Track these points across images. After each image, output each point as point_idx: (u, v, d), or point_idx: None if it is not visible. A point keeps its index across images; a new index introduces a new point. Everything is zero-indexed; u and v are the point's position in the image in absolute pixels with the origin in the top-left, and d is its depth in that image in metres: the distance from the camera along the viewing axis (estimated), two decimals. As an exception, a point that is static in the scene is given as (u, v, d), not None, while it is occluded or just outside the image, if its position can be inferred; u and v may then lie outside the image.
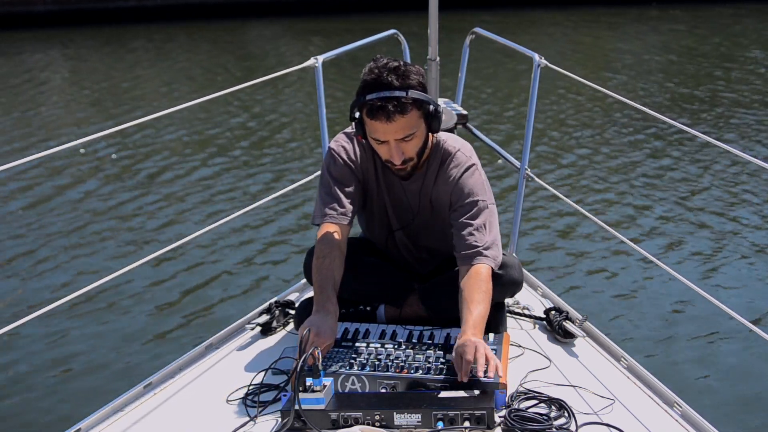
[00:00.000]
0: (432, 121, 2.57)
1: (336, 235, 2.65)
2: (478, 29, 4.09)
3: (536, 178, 3.61)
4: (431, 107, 2.55)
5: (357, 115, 2.58)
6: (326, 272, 2.58)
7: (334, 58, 3.83)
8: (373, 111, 2.50)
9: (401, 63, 2.55)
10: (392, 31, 4.11)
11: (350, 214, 2.70)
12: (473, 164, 2.71)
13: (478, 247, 2.61)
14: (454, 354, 2.36)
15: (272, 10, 20.88)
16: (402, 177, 2.71)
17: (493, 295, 2.66)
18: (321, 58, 3.60)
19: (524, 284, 3.03)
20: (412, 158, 2.60)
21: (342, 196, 2.69)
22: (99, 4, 20.69)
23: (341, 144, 2.75)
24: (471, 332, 2.40)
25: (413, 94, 2.50)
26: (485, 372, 2.28)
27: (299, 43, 18.12)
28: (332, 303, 2.52)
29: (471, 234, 2.62)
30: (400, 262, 2.95)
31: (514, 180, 3.42)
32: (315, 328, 2.41)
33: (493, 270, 2.63)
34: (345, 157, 2.73)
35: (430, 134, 2.65)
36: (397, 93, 2.48)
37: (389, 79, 2.49)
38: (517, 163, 3.68)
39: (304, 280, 3.21)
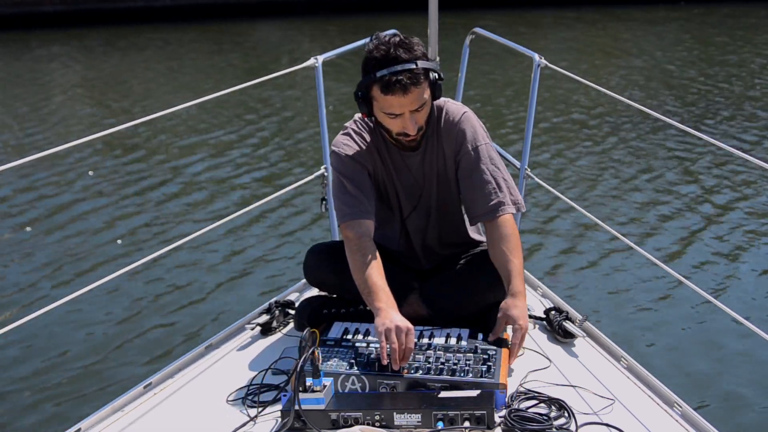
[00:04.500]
0: (435, 88, 2.63)
1: (370, 230, 2.67)
2: (478, 29, 4.08)
3: (536, 178, 3.61)
4: (435, 74, 2.61)
5: (361, 94, 2.61)
6: (378, 270, 2.58)
7: (335, 57, 3.83)
8: (388, 86, 2.53)
9: (402, 36, 2.61)
10: (392, 31, 4.10)
11: (371, 208, 2.71)
12: (465, 110, 2.79)
13: (497, 198, 2.69)
14: (501, 314, 2.54)
15: (279, 10, 20.92)
16: (411, 149, 2.74)
17: (493, 293, 2.67)
18: (321, 58, 3.60)
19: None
20: (422, 127, 2.65)
21: (359, 191, 2.70)
22: (107, 4, 20.73)
23: (342, 142, 2.77)
24: (518, 289, 2.57)
25: (422, 64, 2.55)
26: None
27: (305, 42, 18.13)
28: (393, 300, 2.53)
29: (486, 184, 2.71)
30: (408, 256, 2.94)
31: (514, 180, 3.42)
32: (403, 324, 2.40)
33: (494, 270, 2.65)
34: (350, 153, 2.74)
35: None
36: (408, 65, 2.53)
37: (397, 53, 2.54)
38: (517, 162, 3.68)
39: (304, 280, 3.20)
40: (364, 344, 2.54)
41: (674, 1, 21.09)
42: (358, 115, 2.81)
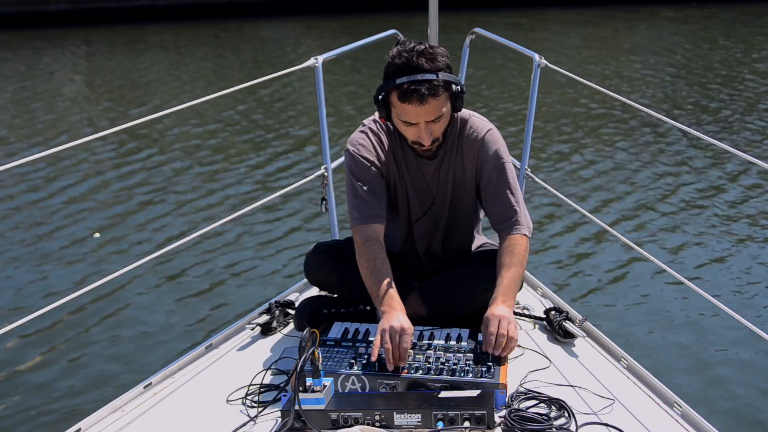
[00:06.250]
0: (456, 100, 2.62)
1: (378, 234, 2.67)
2: (478, 29, 4.09)
3: (536, 178, 3.61)
4: (457, 87, 2.59)
5: (380, 98, 2.61)
6: (383, 273, 2.59)
7: (336, 57, 3.83)
8: (405, 94, 2.52)
9: (427, 45, 2.58)
10: (392, 31, 4.10)
11: (383, 212, 2.72)
12: (490, 128, 2.79)
13: (515, 216, 2.74)
14: (482, 326, 2.51)
15: (283, 10, 20.94)
16: (427, 157, 2.74)
17: (492, 294, 2.66)
18: (321, 58, 3.60)
19: (524, 284, 3.03)
20: (439, 138, 2.65)
21: (371, 194, 2.70)
22: (112, 3, 20.74)
23: (358, 142, 2.76)
24: (501, 299, 2.55)
25: (443, 76, 2.54)
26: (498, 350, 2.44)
27: (309, 42, 18.14)
28: (398, 301, 2.54)
29: (504, 203, 2.75)
30: (411, 258, 2.95)
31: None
32: (398, 325, 2.41)
33: (493, 271, 2.66)
34: (365, 154, 2.74)
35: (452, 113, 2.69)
36: (428, 76, 2.51)
37: (419, 62, 2.52)
38: (517, 163, 3.68)
39: (304, 280, 3.21)
40: (364, 344, 2.54)
41: (687, 0, 21.01)
42: (378, 114, 2.81)
